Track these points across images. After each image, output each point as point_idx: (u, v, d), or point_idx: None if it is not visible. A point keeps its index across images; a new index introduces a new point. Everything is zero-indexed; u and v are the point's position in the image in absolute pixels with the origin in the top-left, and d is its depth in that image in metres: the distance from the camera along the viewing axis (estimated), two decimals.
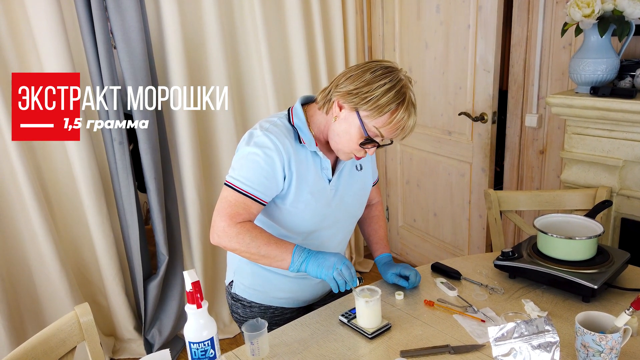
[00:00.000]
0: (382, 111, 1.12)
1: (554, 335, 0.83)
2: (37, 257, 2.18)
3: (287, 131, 1.22)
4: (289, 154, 1.19)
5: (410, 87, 1.16)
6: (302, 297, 1.41)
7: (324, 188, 1.27)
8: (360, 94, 1.13)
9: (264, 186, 1.18)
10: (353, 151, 1.21)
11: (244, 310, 1.41)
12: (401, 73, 1.16)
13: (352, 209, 1.36)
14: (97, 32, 2.04)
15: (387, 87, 1.12)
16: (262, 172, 1.17)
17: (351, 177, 1.33)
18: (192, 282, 0.97)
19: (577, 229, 1.37)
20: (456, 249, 2.90)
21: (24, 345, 1.13)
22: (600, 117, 1.77)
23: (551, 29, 2.22)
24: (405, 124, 1.15)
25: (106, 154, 2.28)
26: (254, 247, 1.15)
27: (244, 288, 1.39)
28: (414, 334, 1.19)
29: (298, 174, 1.21)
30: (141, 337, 2.50)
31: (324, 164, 1.26)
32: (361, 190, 1.37)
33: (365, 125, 1.15)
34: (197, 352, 1.00)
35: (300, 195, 1.23)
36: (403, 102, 1.13)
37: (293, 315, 1.41)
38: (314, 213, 1.26)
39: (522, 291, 1.36)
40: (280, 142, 1.18)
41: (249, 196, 1.17)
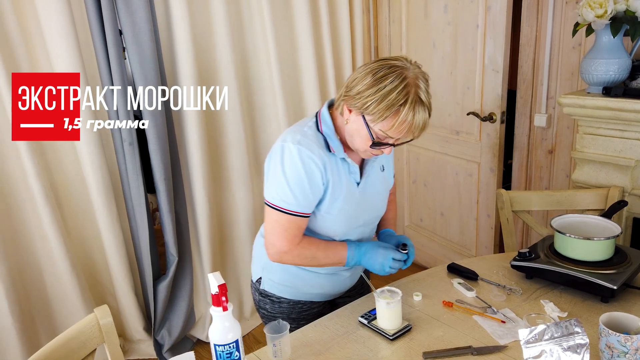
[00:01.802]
0: (383, 115, 1.10)
1: (583, 337, 0.83)
2: (48, 258, 2.17)
3: (318, 140, 1.22)
4: (324, 164, 1.21)
5: (419, 84, 1.11)
6: (331, 292, 1.43)
7: (354, 192, 1.28)
8: (361, 99, 1.12)
9: (309, 201, 1.21)
10: (368, 151, 1.21)
11: (272, 306, 1.42)
12: (408, 71, 1.10)
13: (378, 207, 1.39)
14: (107, 32, 2.04)
15: (387, 89, 1.08)
16: (306, 188, 1.19)
17: (376, 178, 1.35)
18: (219, 284, 0.97)
19: (594, 230, 1.38)
20: (464, 248, 2.90)
21: (46, 347, 1.13)
22: (613, 117, 1.77)
23: (560, 29, 2.22)
24: (412, 123, 1.12)
25: (116, 155, 2.27)
26: (315, 262, 1.27)
27: (273, 284, 1.40)
28: (435, 335, 1.20)
29: (333, 181, 1.23)
30: (150, 338, 2.50)
31: (352, 168, 1.27)
32: (385, 189, 1.40)
33: (371, 129, 1.14)
34: (222, 355, 1.00)
35: (334, 202, 1.25)
36: (405, 103, 1.08)
37: (320, 310, 1.44)
38: (345, 217, 1.28)
39: (540, 292, 1.36)
40: (315, 153, 1.19)
41: (299, 215, 1.21)
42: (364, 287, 1.52)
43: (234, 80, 2.43)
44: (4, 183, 2.05)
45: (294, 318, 1.41)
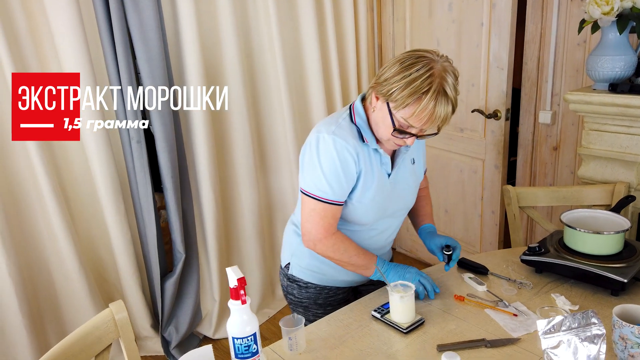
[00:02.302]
0: (405, 102, 1.13)
1: (600, 328, 0.85)
2: (56, 256, 2.18)
3: (352, 131, 1.26)
4: (358, 154, 1.24)
5: (445, 76, 1.12)
6: (356, 279, 1.46)
7: (385, 182, 1.31)
8: (387, 85, 1.15)
9: (343, 190, 1.25)
10: (392, 140, 1.23)
11: (299, 291, 1.46)
12: (436, 63, 1.12)
13: (408, 199, 1.41)
14: (114, 30, 2.05)
15: (412, 76, 1.11)
16: (341, 177, 1.23)
17: (407, 170, 1.38)
18: (238, 278, 0.98)
19: (604, 224, 1.39)
20: (468, 245, 2.91)
21: (62, 342, 1.14)
22: (619, 113, 1.79)
23: (565, 26, 2.23)
24: (432, 113, 1.13)
25: (123, 153, 2.28)
26: (345, 257, 1.29)
27: (301, 269, 1.44)
28: (448, 329, 1.21)
29: (365, 171, 1.27)
30: (158, 335, 2.51)
31: (383, 159, 1.30)
32: (415, 182, 1.42)
33: (393, 116, 1.17)
34: (240, 347, 1.01)
35: (366, 192, 1.28)
36: (428, 91, 1.10)
37: (344, 296, 1.47)
38: (376, 206, 1.31)
39: (550, 285, 1.37)
40: (350, 143, 1.23)
41: (334, 204, 1.25)
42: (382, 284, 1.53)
43: (239, 78, 2.44)
44: (12, 182, 2.06)
45: (320, 304, 1.45)
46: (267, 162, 2.78)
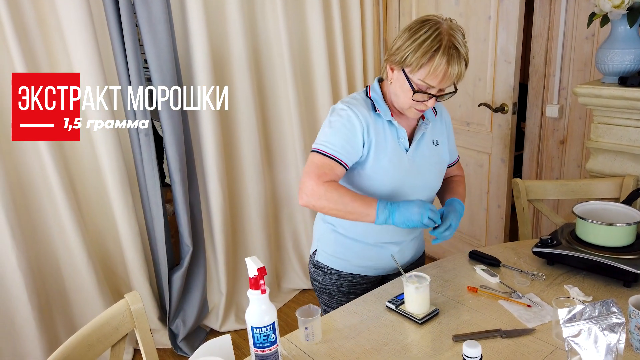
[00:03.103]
0: (419, 63, 1.18)
1: (620, 317, 0.85)
2: (65, 249, 2.19)
3: (365, 102, 1.33)
4: (368, 122, 1.29)
5: (452, 34, 1.18)
6: (380, 265, 1.46)
7: (402, 157, 1.33)
8: (400, 52, 1.21)
9: (345, 150, 1.26)
10: (412, 105, 1.26)
11: (324, 277, 1.49)
12: (441, 23, 1.19)
13: (430, 179, 1.40)
14: (123, 24, 2.05)
15: (422, 38, 1.17)
16: (344, 137, 1.27)
17: (428, 149, 1.39)
18: (258, 267, 0.98)
19: (615, 216, 1.40)
20: (473, 239, 2.92)
21: (80, 332, 1.14)
22: (629, 107, 1.79)
23: (574, 19, 2.23)
24: (446, 70, 1.18)
25: (131, 146, 2.28)
26: (341, 203, 1.23)
27: (327, 256, 1.47)
28: (463, 319, 1.22)
29: (377, 141, 1.30)
30: (165, 328, 2.52)
31: (400, 133, 1.33)
32: (438, 164, 1.42)
33: (411, 79, 1.22)
34: (259, 337, 1.02)
35: (378, 162, 1.30)
36: (438, 49, 1.16)
37: (368, 287, 1.47)
38: (392, 179, 1.32)
39: (562, 277, 1.38)
40: (359, 111, 1.29)
41: (333, 158, 1.26)
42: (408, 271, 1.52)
43: (246, 74, 2.44)
44: (22, 175, 2.06)
45: (343, 291, 1.47)
46: (274, 157, 2.79)
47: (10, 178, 2.00)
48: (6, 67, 1.94)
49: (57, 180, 2.06)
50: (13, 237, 1.99)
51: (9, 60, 1.93)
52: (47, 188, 2.09)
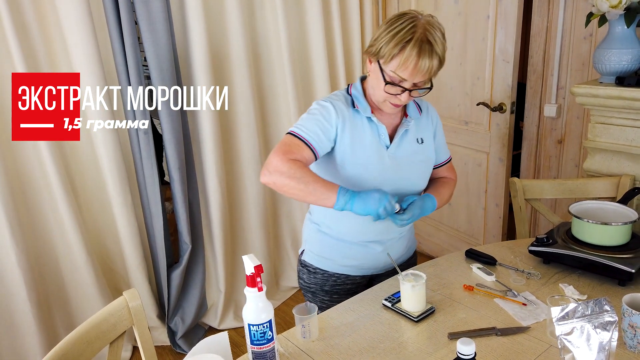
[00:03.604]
0: (391, 53, 1.18)
1: (612, 315, 0.86)
2: (64, 246, 2.20)
3: (345, 99, 1.34)
4: (344, 117, 1.30)
5: (428, 28, 1.17)
6: (365, 265, 1.46)
7: (382, 154, 1.33)
8: (375, 45, 1.22)
9: (317, 136, 1.27)
10: (387, 99, 1.26)
11: (308, 276, 1.49)
12: (419, 18, 1.18)
13: (412, 178, 1.39)
14: (123, 22, 2.05)
15: (396, 30, 1.17)
16: (318, 123, 1.28)
17: (412, 147, 1.38)
18: (255, 265, 0.99)
19: (611, 215, 1.41)
20: (471, 238, 2.93)
21: (78, 329, 1.15)
22: (626, 106, 1.80)
23: (572, 19, 2.24)
24: (417, 63, 1.16)
25: (130, 144, 2.29)
26: (303, 182, 1.20)
27: (313, 255, 1.48)
28: (458, 317, 1.23)
29: (353, 137, 1.30)
30: (164, 325, 2.53)
31: (380, 130, 1.33)
32: (423, 162, 1.41)
33: (384, 71, 1.22)
34: (256, 334, 1.03)
35: (357, 158, 1.30)
36: (410, 40, 1.15)
37: (353, 288, 1.48)
38: (371, 176, 1.31)
39: (558, 276, 1.39)
40: (338, 106, 1.31)
41: (303, 140, 1.26)
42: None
43: (245, 72, 2.45)
44: (21, 172, 2.07)
45: (326, 290, 1.47)
46: None
47: (9, 176, 2.01)
48: (6, 67, 1.95)
49: (57, 178, 2.07)
50: (12, 234, 2.00)
51: (9, 60, 1.93)
52: (47, 186, 2.10)
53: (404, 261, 1.54)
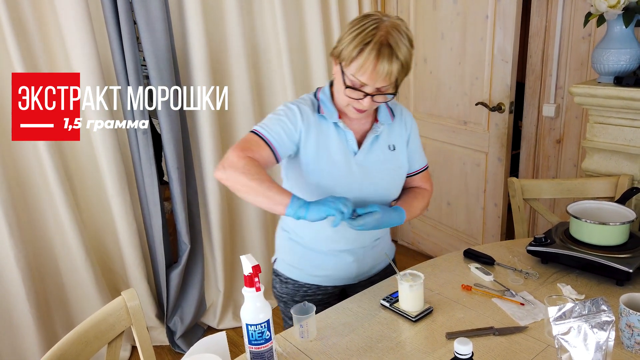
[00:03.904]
0: (350, 56, 1.13)
1: (609, 315, 0.87)
2: (63, 246, 2.20)
3: (311, 103, 1.30)
4: (309, 121, 1.26)
5: (391, 32, 1.11)
6: (335, 275, 1.42)
7: (349, 160, 1.29)
8: (338, 47, 1.17)
9: (279, 136, 1.23)
10: (350, 103, 1.22)
11: (280, 285, 1.47)
12: (384, 21, 1.13)
13: (381, 186, 1.33)
14: (121, 22, 2.05)
15: (358, 32, 1.12)
16: (282, 124, 1.24)
17: (383, 154, 1.33)
18: (253, 265, 0.99)
19: (609, 215, 1.41)
20: (470, 237, 2.94)
21: (77, 329, 1.15)
22: (624, 106, 1.80)
23: (570, 19, 2.24)
24: (375, 65, 1.11)
25: (129, 144, 2.29)
26: (257, 180, 1.14)
27: (284, 265, 1.45)
28: (456, 317, 1.23)
29: (319, 143, 1.26)
30: (163, 325, 2.53)
31: (347, 135, 1.29)
32: (393, 170, 1.35)
33: (345, 74, 1.17)
34: (254, 334, 1.03)
35: (322, 164, 1.26)
36: (369, 43, 1.10)
37: (324, 299, 1.44)
38: (338, 183, 1.27)
39: (556, 276, 1.39)
40: (303, 109, 1.27)
41: (263, 138, 1.22)
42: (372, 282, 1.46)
43: (244, 71, 2.44)
44: (20, 171, 2.07)
45: (297, 301, 1.42)
46: None
47: (9, 176, 2.01)
48: (6, 67, 1.95)
49: (55, 177, 2.07)
50: (11, 233, 2.00)
51: (8, 60, 1.94)
52: (46, 185, 2.10)
53: (380, 270, 1.50)
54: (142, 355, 1.27)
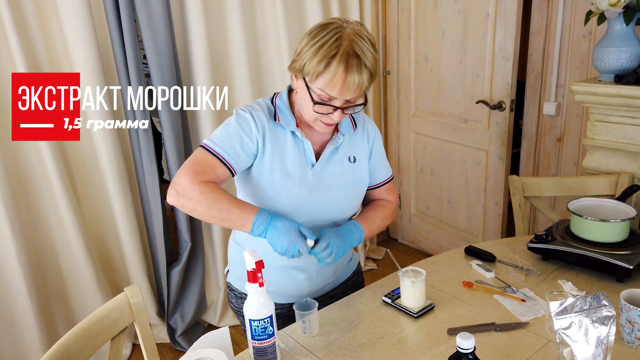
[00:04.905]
0: (316, 70, 1.05)
1: (610, 310, 0.87)
2: (64, 244, 2.21)
3: (267, 109, 1.22)
4: (264, 128, 1.18)
5: (355, 39, 1.05)
6: (286, 291, 1.33)
7: (306, 172, 1.22)
8: (298, 60, 1.09)
9: (235, 151, 1.15)
10: (318, 118, 1.14)
11: (236, 300, 1.39)
12: (344, 28, 1.06)
13: (339, 199, 1.25)
14: (122, 20, 2.05)
15: (319, 44, 1.05)
16: (236, 137, 1.16)
17: (342, 167, 1.25)
18: (256, 261, 1.00)
19: (610, 212, 1.42)
20: (470, 235, 2.94)
21: (80, 325, 1.16)
22: (625, 104, 1.81)
23: (571, 17, 2.25)
24: (344, 79, 1.04)
25: (130, 142, 2.30)
26: (215, 209, 1.10)
27: (236, 278, 1.39)
28: (458, 313, 1.24)
29: (273, 151, 1.19)
30: (163, 323, 2.53)
31: (305, 146, 1.22)
32: (353, 183, 1.27)
33: (311, 89, 1.10)
34: (257, 329, 1.03)
35: (276, 175, 1.19)
36: (336, 55, 1.03)
37: (282, 312, 1.34)
38: (291, 194, 1.20)
39: (556, 272, 1.40)
40: (258, 116, 1.19)
41: (218, 157, 1.14)
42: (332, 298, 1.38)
43: (245, 71, 2.44)
44: (21, 169, 2.08)
45: None
46: None
47: (10, 175, 2.02)
48: (6, 67, 1.95)
49: (57, 175, 2.07)
50: (12, 231, 2.00)
51: (9, 60, 1.94)
52: (47, 183, 2.11)
53: (339, 284, 1.40)
54: (144, 351, 1.28)
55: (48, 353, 1.03)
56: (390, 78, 3.17)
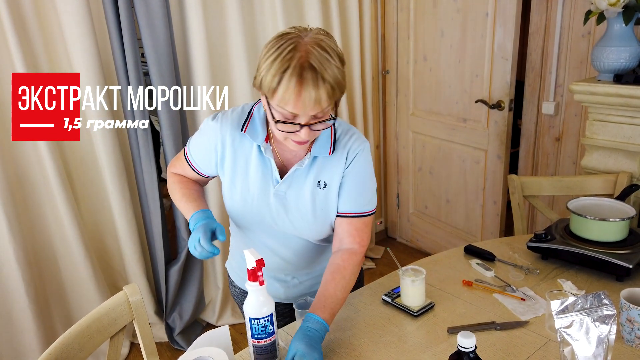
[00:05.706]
0: (271, 87, 0.96)
1: (611, 309, 0.87)
2: (62, 242, 2.20)
3: (238, 118, 1.15)
4: (224, 138, 1.14)
5: (310, 49, 0.94)
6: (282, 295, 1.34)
7: (267, 190, 1.15)
8: (257, 77, 1.01)
9: (198, 158, 1.23)
10: (286, 136, 1.04)
11: (232, 289, 1.46)
12: (302, 38, 0.96)
13: (301, 226, 1.18)
14: (122, 20, 2.04)
15: (273, 57, 0.95)
16: (201, 145, 1.21)
17: (308, 191, 1.15)
18: (256, 259, 0.99)
19: (609, 211, 1.42)
20: (469, 234, 2.95)
21: (79, 323, 1.15)
22: (623, 104, 1.81)
23: (570, 17, 2.25)
24: (300, 94, 0.94)
25: (129, 142, 2.29)
26: (175, 199, 1.26)
27: (232, 268, 1.45)
28: (458, 312, 1.24)
29: (236, 161, 1.15)
30: (162, 322, 2.53)
31: (270, 162, 1.14)
32: (320, 210, 1.17)
33: (271, 106, 1.00)
34: (257, 328, 1.03)
35: (235, 186, 1.17)
36: (288, 68, 0.93)
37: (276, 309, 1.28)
38: (249, 209, 1.17)
39: (556, 271, 1.40)
40: (225, 126, 1.15)
41: (186, 158, 1.26)
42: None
43: (245, 71, 2.44)
44: (19, 167, 2.07)
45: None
46: None
47: (9, 174, 2.01)
48: (6, 67, 1.94)
49: (55, 174, 2.07)
50: (10, 229, 2.00)
51: (9, 60, 1.93)
52: (45, 182, 2.10)
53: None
54: (143, 350, 1.27)
55: (47, 351, 1.03)
56: (389, 77, 3.17)
